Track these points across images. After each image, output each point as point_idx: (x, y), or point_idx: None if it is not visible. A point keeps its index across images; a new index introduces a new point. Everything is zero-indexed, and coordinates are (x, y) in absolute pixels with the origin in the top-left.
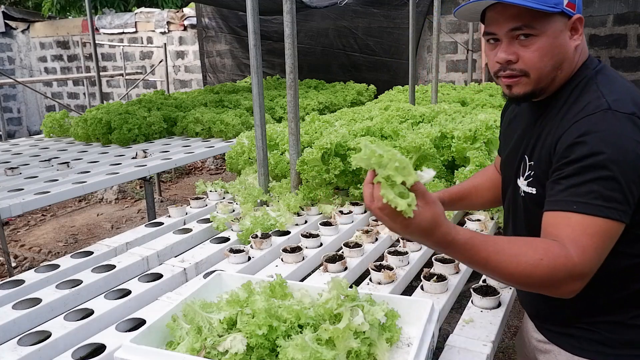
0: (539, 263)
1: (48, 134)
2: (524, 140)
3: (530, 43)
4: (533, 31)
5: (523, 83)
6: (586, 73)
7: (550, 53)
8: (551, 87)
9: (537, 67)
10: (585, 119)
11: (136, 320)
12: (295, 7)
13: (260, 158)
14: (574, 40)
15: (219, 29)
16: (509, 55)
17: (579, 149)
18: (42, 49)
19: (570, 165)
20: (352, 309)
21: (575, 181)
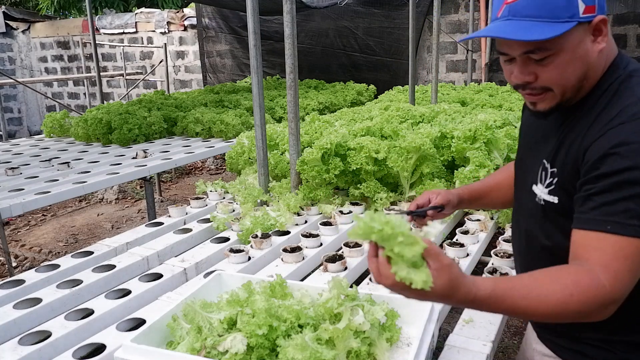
0: (570, 300)
1: (48, 134)
2: (545, 145)
3: (547, 62)
4: (548, 52)
5: (548, 99)
6: (617, 74)
7: (572, 67)
8: (578, 96)
9: (559, 84)
10: (620, 127)
11: (136, 320)
12: (296, 7)
13: (260, 158)
14: (598, 44)
15: (219, 29)
16: (525, 76)
17: (613, 162)
18: (42, 49)
19: (603, 179)
20: (352, 308)
21: (608, 198)
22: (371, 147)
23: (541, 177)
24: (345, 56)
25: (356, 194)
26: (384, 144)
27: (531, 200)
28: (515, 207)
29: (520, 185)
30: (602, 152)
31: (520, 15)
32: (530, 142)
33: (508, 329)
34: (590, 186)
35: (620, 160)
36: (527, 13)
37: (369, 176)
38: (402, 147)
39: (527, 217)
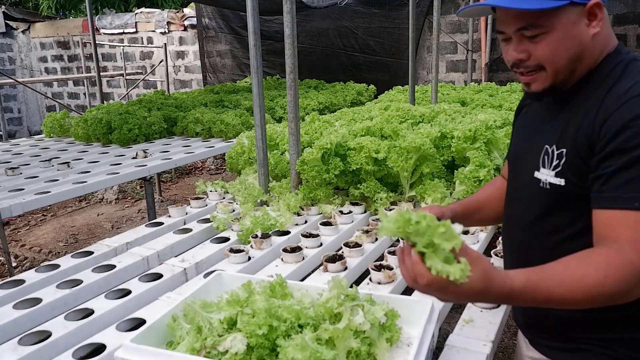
0: (604, 281)
1: (48, 134)
2: (544, 133)
3: (540, 40)
4: (540, 29)
5: (541, 79)
6: (620, 58)
7: (564, 46)
8: (572, 79)
9: (551, 62)
10: (634, 100)
11: (136, 320)
12: (296, 7)
13: (260, 158)
14: (592, 28)
15: (219, 29)
16: (519, 53)
17: (632, 136)
18: (42, 49)
19: (624, 155)
20: (352, 308)
21: (632, 174)
22: (371, 147)
23: (544, 161)
24: (345, 56)
25: (356, 194)
26: (384, 144)
27: (533, 188)
28: (508, 201)
29: (518, 177)
30: (619, 124)
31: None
32: (526, 136)
33: (508, 329)
34: (609, 162)
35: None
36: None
37: (369, 176)
38: (402, 147)
39: (525, 205)
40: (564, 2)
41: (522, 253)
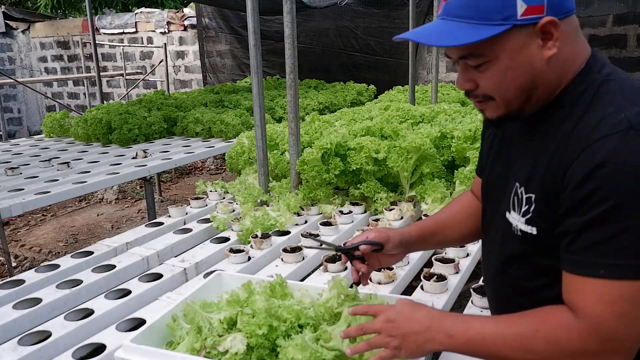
0: (535, 334)
1: (48, 134)
2: (514, 165)
3: (483, 69)
4: (482, 59)
5: (492, 107)
6: (592, 79)
7: (511, 76)
8: (531, 107)
9: (497, 93)
10: (600, 142)
11: (136, 320)
12: (296, 7)
13: (260, 158)
14: (547, 50)
15: (219, 29)
16: (465, 82)
17: (596, 189)
18: (42, 49)
19: (588, 211)
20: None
21: (598, 236)
22: (371, 147)
23: (514, 203)
24: (345, 56)
25: (356, 194)
26: (384, 144)
27: (506, 229)
28: (484, 238)
29: (489, 212)
30: (581, 174)
31: (452, 15)
32: (496, 166)
33: None
34: (573, 219)
35: (603, 186)
36: (457, 13)
37: (369, 176)
38: (402, 147)
39: (501, 247)
40: (504, 28)
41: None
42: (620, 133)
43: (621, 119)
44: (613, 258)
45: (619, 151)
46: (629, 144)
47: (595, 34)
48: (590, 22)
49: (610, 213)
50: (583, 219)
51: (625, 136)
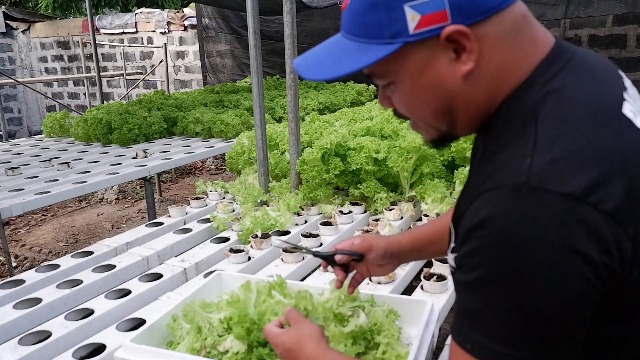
0: None
1: (48, 134)
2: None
3: (391, 91)
4: (384, 79)
5: (423, 129)
6: (527, 97)
7: (419, 98)
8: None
9: (413, 115)
10: (487, 196)
11: (136, 320)
12: (296, 7)
13: (260, 158)
14: (462, 64)
15: (219, 29)
16: (382, 101)
17: (471, 251)
18: (42, 49)
19: (464, 273)
20: (354, 309)
21: (471, 304)
22: (371, 147)
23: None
24: None
25: (356, 194)
26: (384, 144)
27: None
28: None
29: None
30: (465, 228)
31: (346, 31)
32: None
33: None
34: (457, 276)
35: (480, 250)
36: (348, 29)
37: (369, 176)
38: (402, 147)
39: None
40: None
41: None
42: (510, 188)
43: (522, 169)
44: (480, 335)
45: (500, 213)
46: (513, 206)
47: (595, 34)
48: (590, 22)
49: (480, 283)
50: (461, 278)
51: (513, 193)
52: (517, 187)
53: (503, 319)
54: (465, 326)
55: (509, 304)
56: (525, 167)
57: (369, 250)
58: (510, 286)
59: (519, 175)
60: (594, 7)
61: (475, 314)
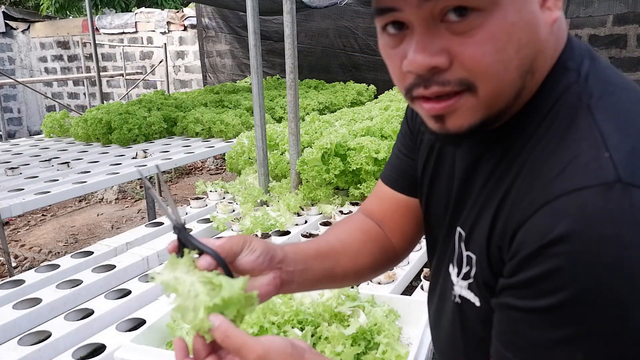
0: None
1: (48, 134)
2: (458, 201)
3: (472, 27)
4: (477, 1)
5: (467, 107)
6: (567, 80)
7: (515, 41)
8: (512, 109)
9: (491, 72)
10: (565, 200)
11: (136, 320)
12: (295, 7)
13: (260, 158)
14: (549, 11)
15: (219, 29)
16: (433, 56)
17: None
18: (42, 49)
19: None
20: (354, 309)
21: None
22: (371, 147)
23: (456, 257)
24: (345, 56)
25: (356, 194)
26: (384, 144)
27: (447, 287)
28: (430, 287)
29: (432, 253)
30: (535, 245)
31: None
32: (438, 189)
33: None
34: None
35: (567, 271)
36: None
37: (369, 176)
38: None
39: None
40: None
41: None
42: (600, 188)
43: (603, 164)
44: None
45: (592, 219)
46: (609, 209)
47: (595, 34)
48: (590, 22)
49: (564, 309)
50: (524, 305)
51: (605, 194)
52: (608, 186)
53: (597, 349)
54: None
55: (608, 331)
56: (608, 162)
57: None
58: (611, 309)
59: (605, 171)
60: (594, 7)
61: (551, 347)
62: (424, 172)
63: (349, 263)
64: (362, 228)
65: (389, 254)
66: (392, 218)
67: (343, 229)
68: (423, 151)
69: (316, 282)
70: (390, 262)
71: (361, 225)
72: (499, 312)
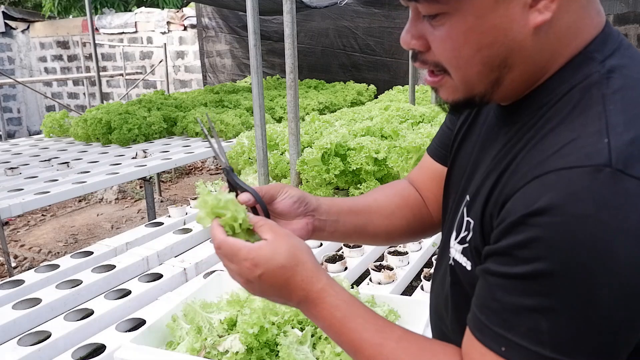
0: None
1: (48, 134)
2: (473, 169)
3: (439, 23)
4: (436, 6)
5: (448, 85)
6: (587, 71)
7: (475, 41)
8: (501, 95)
9: (453, 65)
10: (554, 175)
11: (136, 320)
12: (295, 7)
13: (260, 158)
14: (537, 13)
15: (219, 29)
16: (412, 39)
17: (529, 240)
18: (42, 48)
19: (510, 266)
20: None
21: (512, 302)
22: (371, 147)
23: (458, 223)
24: (345, 56)
25: (356, 194)
26: (384, 144)
27: (445, 253)
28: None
29: (443, 222)
30: (518, 214)
31: None
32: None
33: None
34: (492, 266)
35: (542, 240)
36: None
37: (369, 176)
38: (402, 147)
39: (442, 276)
40: None
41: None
42: (588, 169)
43: (599, 148)
44: (522, 338)
45: (575, 196)
46: (593, 189)
47: None
48: None
49: (537, 279)
50: (504, 271)
51: (593, 175)
52: (597, 168)
53: (562, 321)
54: (499, 325)
55: (575, 305)
56: (604, 147)
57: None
58: (581, 285)
59: (598, 155)
60: None
61: (520, 312)
62: (455, 141)
63: (381, 223)
64: (401, 193)
65: (425, 222)
66: (429, 187)
67: (382, 192)
68: (460, 121)
69: (347, 235)
70: (426, 230)
71: (401, 190)
72: (480, 279)
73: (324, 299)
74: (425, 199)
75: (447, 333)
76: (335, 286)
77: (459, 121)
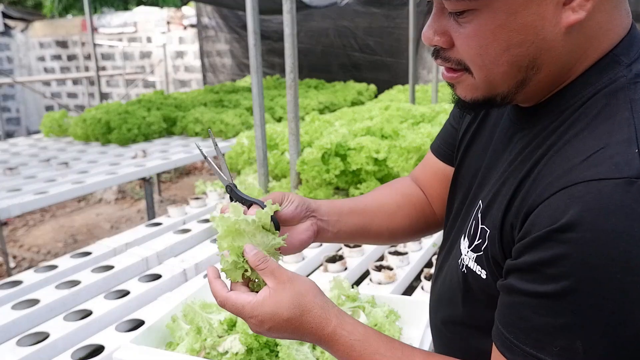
0: None
1: (47, 133)
2: (486, 173)
3: (466, 20)
4: (467, 3)
5: (467, 83)
6: (614, 74)
7: (504, 40)
8: (524, 97)
9: (478, 64)
10: (582, 187)
11: (135, 321)
12: (295, 7)
13: (260, 158)
14: (570, 13)
15: (218, 29)
16: (435, 35)
17: (556, 258)
18: (41, 48)
19: (538, 284)
20: (354, 310)
21: (538, 321)
22: (371, 147)
23: (471, 230)
24: (345, 56)
25: (356, 195)
26: (384, 144)
27: (455, 258)
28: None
29: (448, 225)
30: (544, 228)
31: None
32: (467, 152)
33: None
34: (520, 286)
35: (570, 257)
36: None
37: (369, 176)
38: (403, 147)
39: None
40: None
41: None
42: (619, 182)
43: (630, 158)
44: (555, 358)
45: (606, 211)
46: (624, 203)
47: None
48: None
49: (567, 297)
50: (528, 289)
51: (624, 189)
52: (628, 181)
53: (595, 340)
54: (529, 345)
55: (609, 323)
56: (634, 157)
57: (282, 198)
58: (614, 303)
59: (629, 166)
60: None
61: (551, 332)
62: (462, 140)
63: (383, 223)
64: (403, 192)
65: (429, 220)
66: (433, 185)
67: (384, 191)
68: (466, 120)
69: (350, 234)
70: (430, 228)
71: (404, 189)
72: (503, 294)
73: (336, 341)
74: (428, 197)
75: (446, 334)
76: (346, 325)
77: (464, 120)
